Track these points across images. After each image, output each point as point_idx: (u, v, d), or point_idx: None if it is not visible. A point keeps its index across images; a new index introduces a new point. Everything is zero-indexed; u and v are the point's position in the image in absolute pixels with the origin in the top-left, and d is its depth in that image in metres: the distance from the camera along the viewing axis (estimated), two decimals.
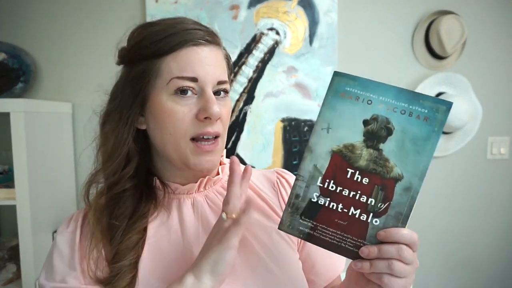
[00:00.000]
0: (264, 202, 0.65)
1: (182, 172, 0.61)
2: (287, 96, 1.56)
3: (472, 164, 1.65)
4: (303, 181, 0.50)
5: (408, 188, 0.48)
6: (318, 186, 0.50)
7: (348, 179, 0.49)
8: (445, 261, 1.67)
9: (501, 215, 1.67)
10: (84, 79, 1.56)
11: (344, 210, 0.49)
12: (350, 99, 0.50)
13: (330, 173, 0.50)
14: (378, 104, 0.49)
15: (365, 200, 0.49)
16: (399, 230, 0.47)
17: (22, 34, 1.54)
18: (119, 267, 0.53)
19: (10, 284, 1.33)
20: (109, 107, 0.60)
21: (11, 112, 1.19)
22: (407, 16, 1.60)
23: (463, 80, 1.59)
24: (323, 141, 0.50)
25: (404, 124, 0.48)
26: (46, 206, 1.33)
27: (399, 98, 0.48)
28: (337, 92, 0.50)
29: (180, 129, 0.55)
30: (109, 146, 0.58)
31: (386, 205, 0.48)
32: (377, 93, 0.49)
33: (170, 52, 0.54)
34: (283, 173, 0.71)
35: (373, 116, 0.49)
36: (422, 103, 0.48)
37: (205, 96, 0.55)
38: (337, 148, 0.49)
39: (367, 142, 0.49)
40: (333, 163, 0.50)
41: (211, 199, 0.62)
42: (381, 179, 0.48)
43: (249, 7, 1.54)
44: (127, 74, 0.58)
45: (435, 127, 0.48)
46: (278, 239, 0.61)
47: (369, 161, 0.49)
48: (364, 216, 0.49)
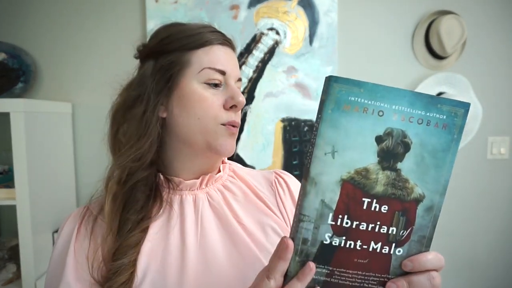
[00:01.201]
0: (261, 201, 0.66)
1: (193, 163, 0.62)
2: (287, 96, 1.56)
3: (472, 164, 1.65)
4: (310, 222, 0.41)
5: (431, 207, 0.42)
6: (330, 225, 0.41)
7: (365, 210, 0.41)
8: (445, 261, 1.67)
9: (501, 215, 1.67)
10: (84, 79, 1.56)
11: (363, 246, 0.42)
12: (357, 111, 0.39)
13: (342, 207, 0.41)
14: (391, 115, 0.40)
15: (385, 230, 0.42)
16: (426, 256, 0.42)
17: (22, 34, 1.54)
18: (118, 265, 0.53)
19: (10, 284, 1.33)
20: (134, 93, 0.60)
21: (11, 112, 1.19)
22: (407, 16, 1.60)
23: (463, 80, 1.59)
24: (328, 169, 0.40)
25: (422, 135, 0.40)
26: (46, 206, 1.33)
27: (415, 104, 0.40)
28: (339, 104, 0.39)
29: (209, 113, 0.59)
30: (137, 130, 0.59)
31: (409, 231, 0.42)
32: (388, 101, 0.39)
33: (201, 46, 0.60)
34: (281, 173, 0.72)
35: (387, 131, 0.40)
36: (440, 108, 0.40)
37: (231, 88, 0.61)
38: (348, 176, 0.40)
39: (383, 163, 0.40)
40: (345, 194, 0.40)
41: (212, 196, 0.63)
42: (401, 203, 0.41)
43: (249, 7, 1.54)
44: (154, 65, 0.61)
45: (454, 134, 0.41)
46: (274, 237, 0.62)
47: (387, 186, 0.41)
48: (386, 249, 0.42)
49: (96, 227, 0.58)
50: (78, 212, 0.62)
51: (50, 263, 0.59)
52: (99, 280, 0.54)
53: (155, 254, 0.56)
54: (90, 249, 0.56)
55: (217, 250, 0.58)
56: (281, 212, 0.66)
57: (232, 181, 0.67)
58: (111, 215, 0.57)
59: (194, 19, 1.41)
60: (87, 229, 0.59)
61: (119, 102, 0.62)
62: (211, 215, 0.61)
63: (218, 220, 0.61)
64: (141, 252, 0.55)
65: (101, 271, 0.55)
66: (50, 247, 1.35)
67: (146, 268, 0.55)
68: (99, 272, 0.55)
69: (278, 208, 0.66)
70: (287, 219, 0.66)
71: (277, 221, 0.64)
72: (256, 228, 0.62)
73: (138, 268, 0.54)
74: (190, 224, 0.60)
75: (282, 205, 0.67)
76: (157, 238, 0.58)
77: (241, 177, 0.69)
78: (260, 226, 0.62)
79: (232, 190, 0.66)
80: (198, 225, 0.60)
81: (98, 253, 0.56)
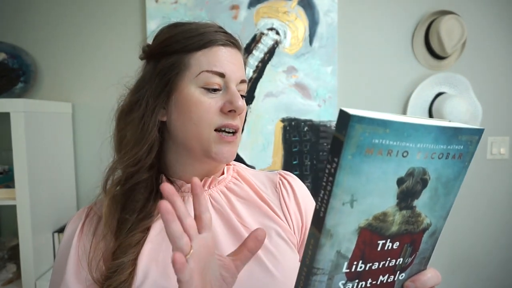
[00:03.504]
0: (265, 203, 0.65)
1: (194, 166, 0.62)
2: (287, 96, 1.56)
3: (472, 164, 1.64)
4: (324, 274, 0.37)
5: (434, 232, 0.42)
6: (344, 273, 0.38)
7: (379, 251, 0.39)
8: (444, 261, 1.67)
9: (501, 215, 1.67)
10: (84, 79, 1.56)
11: (373, 282, 0.41)
12: (380, 155, 0.33)
13: (358, 254, 0.38)
14: (415, 155, 0.35)
15: (393, 263, 0.41)
16: (426, 275, 0.44)
17: (22, 34, 1.54)
18: (118, 264, 0.53)
19: (10, 284, 1.33)
20: (134, 97, 0.61)
21: (11, 112, 1.19)
22: (407, 16, 1.60)
23: (463, 80, 1.59)
24: (346, 219, 0.35)
25: (440, 169, 0.38)
26: (46, 206, 1.33)
27: (439, 140, 0.36)
28: (361, 149, 0.33)
29: (204, 119, 0.57)
30: (134, 135, 0.59)
31: (413, 257, 0.42)
32: (414, 140, 0.34)
33: (200, 48, 0.58)
34: (286, 175, 0.72)
35: (409, 171, 0.36)
36: (460, 139, 0.37)
37: (231, 91, 0.58)
38: (366, 223, 0.36)
39: (401, 204, 0.37)
40: (361, 241, 0.37)
41: (215, 198, 0.63)
42: (411, 236, 0.40)
43: (249, 7, 1.54)
44: (154, 67, 0.60)
45: (466, 161, 0.39)
46: (277, 240, 0.61)
47: (402, 224, 0.38)
48: (391, 278, 0.42)
49: (100, 226, 0.59)
50: (83, 212, 0.63)
51: (54, 261, 0.60)
52: (98, 279, 0.54)
53: (156, 255, 0.56)
54: (92, 248, 0.56)
55: (220, 252, 0.58)
56: (285, 215, 0.66)
57: (236, 183, 0.66)
58: (109, 216, 0.57)
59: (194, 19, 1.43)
60: (90, 229, 0.59)
61: (122, 105, 0.62)
62: (215, 217, 0.61)
63: (221, 222, 0.61)
64: (141, 252, 0.55)
65: (101, 270, 0.55)
66: (50, 247, 1.35)
67: (147, 269, 0.55)
68: (98, 271, 0.55)
69: (282, 210, 0.66)
70: (290, 222, 0.65)
71: (280, 224, 0.64)
72: None
73: (139, 269, 0.54)
74: None
75: (286, 208, 0.66)
76: (159, 239, 0.58)
77: (245, 179, 0.68)
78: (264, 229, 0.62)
79: (236, 192, 0.65)
80: None
81: (99, 252, 0.56)
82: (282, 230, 0.63)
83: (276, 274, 0.57)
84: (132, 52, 0.65)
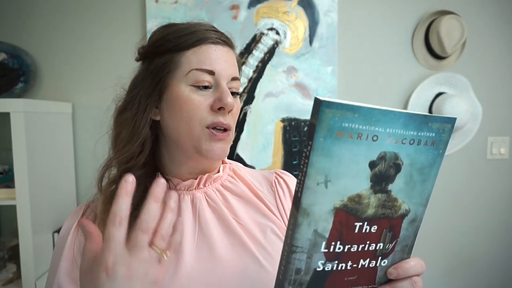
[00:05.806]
0: (260, 201, 0.66)
1: (188, 165, 0.62)
2: (287, 96, 1.56)
3: (472, 164, 1.65)
4: (303, 253, 0.40)
5: (414, 219, 0.44)
6: (323, 253, 0.41)
7: (356, 233, 0.41)
8: (445, 261, 1.67)
9: (501, 215, 1.67)
10: (84, 79, 1.56)
11: (353, 265, 0.43)
12: (351, 138, 0.36)
13: (335, 234, 0.40)
14: (385, 139, 0.38)
15: (374, 247, 0.43)
16: (409, 263, 0.45)
17: (22, 34, 1.54)
18: None
19: (10, 284, 1.32)
20: (128, 97, 0.62)
21: (11, 112, 1.19)
22: (407, 16, 1.60)
23: (463, 80, 1.59)
24: (321, 199, 0.38)
25: (412, 155, 0.40)
26: (46, 206, 1.33)
27: (408, 126, 0.38)
28: (331, 131, 0.35)
29: (195, 116, 0.58)
30: (127, 133, 0.60)
31: (394, 243, 0.44)
32: (383, 124, 0.37)
33: (190, 47, 0.59)
34: (282, 173, 0.72)
35: (381, 155, 0.38)
36: (431, 127, 0.39)
37: (220, 88, 0.59)
38: (341, 204, 0.39)
39: (375, 187, 0.40)
40: (338, 221, 0.39)
41: (210, 196, 0.64)
42: (389, 221, 0.42)
43: (249, 7, 1.54)
44: (147, 67, 0.61)
45: (440, 149, 0.41)
46: (272, 237, 0.62)
47: (378, 207, 0.41)
48: (373, 263, 0.44)
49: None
50: (79, 210, 0.63)
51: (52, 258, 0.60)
52: None
53: None
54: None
55: (214, 249, 0.58)
56: (280, 213, 0.66)
57: (231, 181, 0.67)
58: (104, 213, 0.56)
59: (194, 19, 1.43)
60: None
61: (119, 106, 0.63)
62: (210, 214, 0.62)
63: (216, 220, 0.62)
64: None
65: None
66: (50, 247, 1.35)
67: None
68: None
69: (278, 209, 0.67)
70: (285, 219, 0.66)
71: (276, 222, 0.64)
72: (254, 228, 0.62)
73: None
74: (187, 223, 0.60)
75: (281, 206, 0.67)
76: None
77: (241, 177, 0.69)
78: (259, 227, 0.62)
79: (231, 189, 0.66)
80: (196, 224, 0.61)
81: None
82: (277, 227, 0.63)
83: (270, 270, 0.58)
84: (132, 52, 0.66)
